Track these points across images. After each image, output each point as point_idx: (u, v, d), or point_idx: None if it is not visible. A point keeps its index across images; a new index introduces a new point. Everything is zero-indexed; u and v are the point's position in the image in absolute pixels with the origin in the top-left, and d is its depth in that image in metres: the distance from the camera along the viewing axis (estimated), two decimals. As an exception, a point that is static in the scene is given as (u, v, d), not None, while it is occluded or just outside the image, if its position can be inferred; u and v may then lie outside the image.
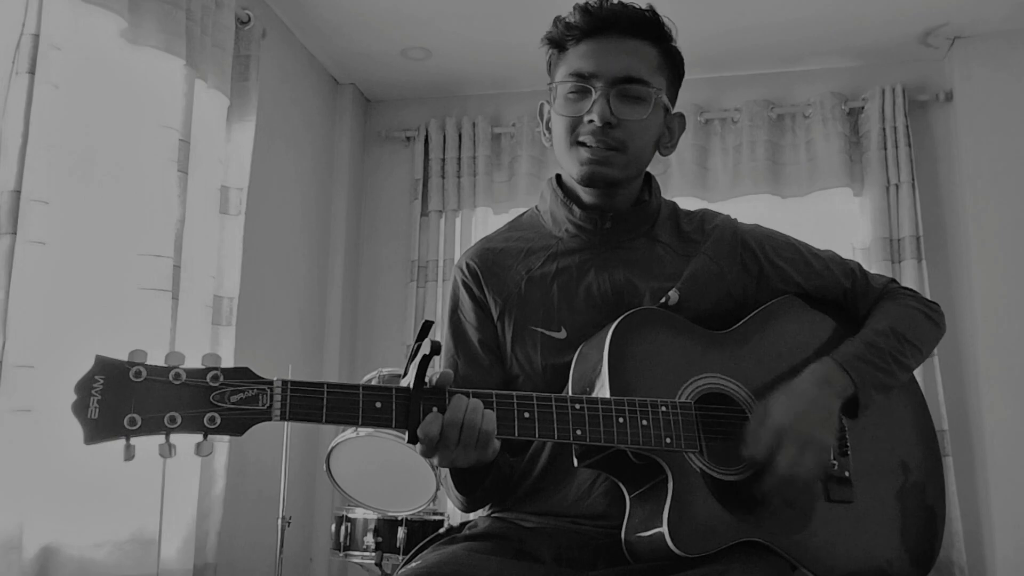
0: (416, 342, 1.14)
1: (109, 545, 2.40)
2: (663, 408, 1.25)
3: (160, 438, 1.04)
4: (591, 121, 1.37)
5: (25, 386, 2.11)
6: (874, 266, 3.64)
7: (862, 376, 1.35)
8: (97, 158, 2.51)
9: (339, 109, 4.26)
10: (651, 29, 1.42)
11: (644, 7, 1.43)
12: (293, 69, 3.84)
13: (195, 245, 2.77)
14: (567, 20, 1.43)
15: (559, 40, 1.44)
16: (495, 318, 1.46)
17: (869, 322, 1.46)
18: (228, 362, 2.88)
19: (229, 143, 3.06)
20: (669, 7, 1.53)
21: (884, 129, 3.80)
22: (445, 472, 1.37)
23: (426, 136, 4.22)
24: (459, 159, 4.17)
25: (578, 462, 1.26)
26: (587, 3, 1.42)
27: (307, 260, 3.94)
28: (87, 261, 2.46)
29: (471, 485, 1.37)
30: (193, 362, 1.07)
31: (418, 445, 1.16)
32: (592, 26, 1.40)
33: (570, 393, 1.32)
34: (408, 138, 4.31)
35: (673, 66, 1.46)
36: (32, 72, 2.20)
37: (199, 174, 2.81)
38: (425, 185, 4.19)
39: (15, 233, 2.13)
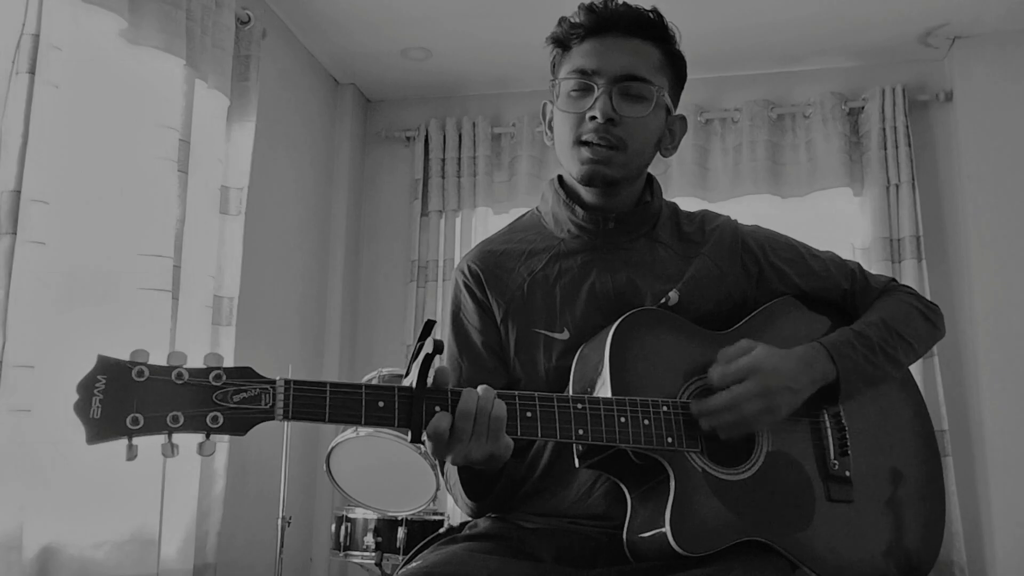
0: (418, 341, 1.14)
1: (109, 545, 2.40)
2: (664, 408, 1.25)
3: (162, 438, 1.04)
4: (593, 117, 1.38)
5: (25, 386, 2.11)
6: (874, 266, 3.64)
7: (846, 365, 1.36)
8: (97, 158, 2.51)
9: (339, 109, 4.26)
10: (654, 29, 1.43)
11: (648, 8, 1.44)
12: (293, 69, 3.84)
13: (195, 245, 2.77)
14: (571, 20, 1.44)
15: (563, 39, 1.45)
16: (498, 321, 1.46)
17: (864, 315, 1.47)
18: (228, 362, 2.88)
19: (229, 143, 3.06)
20: (670, 7, 1.53)
21: (884, 129, 3.80)
22: (454, 479, 1.37)
23: (426, 136, 4.22)
24: (459, 159, 4.17)
25: (579, 462, 1.27)
26: (591, 3, 1.44)
27: (307, 260, 3.94)
28: (87, 261, 2.46)
29: (482, 491, 1.36)
30: (194, 362, 1.07)
31: (428, 444, 1.16)
32: (596, 25, 1.42)
33: (571, 393, 1.32)
34: (408, 138, 4.31)
35: (675, 68, 1.47)
36: (32, 72, 2.19)
37: (199, 174, 2.81)
38: (425, 185, 4.19)
39: (15, 233, 2.13)
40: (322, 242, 4.08)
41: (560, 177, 1.52)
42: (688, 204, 1.60)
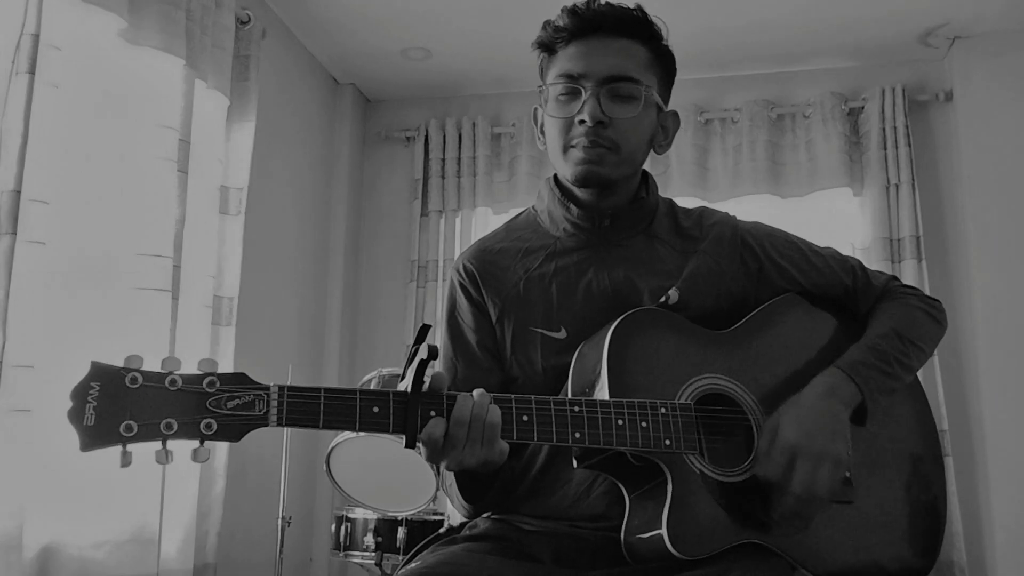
0: (413, 346, 1.14)
1: (109, 545, 2.40)
2: (663, 410, 1.24)
3: (157, 444, 1.04)
4: (582, 121, 1.37)
5: (25, 386, 2.11)
6: (874, 266, 3.54)
7: (868, 383, 1.35)
8: (97, 158, 2.51)
9: (339, 109, 4.26)
10: (639, 28, 1.42)
11: (632, 7, 1.43)
12: (293, 69, 3.84)
13: (195, 245, 2.77)
14: (555, 23, 1.43)
15: (548, 43, 1.44)
16: (494, 320, 1.45)
17: (871, 324, 1.45)
18: (228, 362, 2.90)
19: (229, 143, 3.06)
20: (668, 7, 1.52)
21: (884, 129, 3.80)
22: (450, 480, 1.37)
23: (426, 136, 4.22)
24: (459, 159, 4.16)
25: (577, 463, 1.26)
26: (574, 5, 1.42)
27: (307, 260, 3.94)
28: (87, 261, 2.45)
29: (478, 493, 1.36)
30: (191, 365, 1.07)
31: (422, 449, 1.15)
32: (580, 27, 1.41)
33: (569, 393, 1.32)
34: (408, 138, 4.31)
35: (664, 64, 1.46)
36: (32, 72, 2.19)
37: (199, 174, 2.81)
38: (425, 185, 4.19)
39: (15, 233, 2.13)
40: (322, 242, 4.08)
41: (556, 175, 1.51)
42: (688, 204, 1.58)
